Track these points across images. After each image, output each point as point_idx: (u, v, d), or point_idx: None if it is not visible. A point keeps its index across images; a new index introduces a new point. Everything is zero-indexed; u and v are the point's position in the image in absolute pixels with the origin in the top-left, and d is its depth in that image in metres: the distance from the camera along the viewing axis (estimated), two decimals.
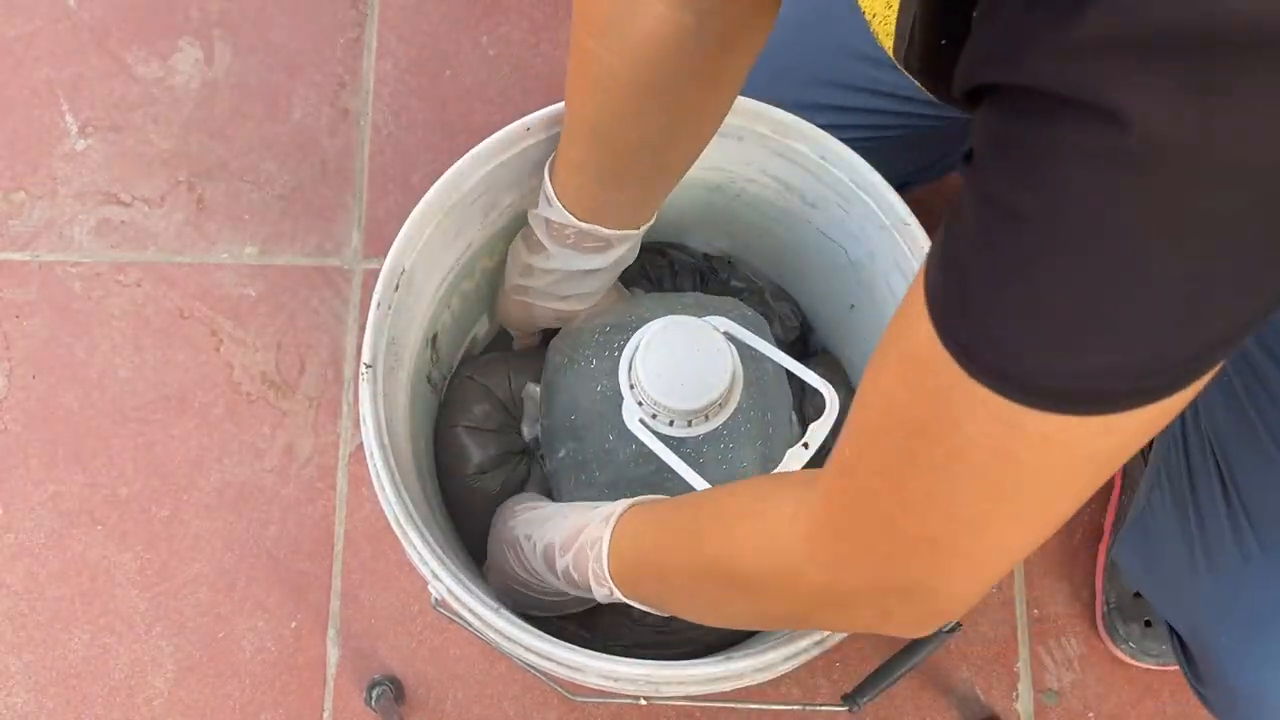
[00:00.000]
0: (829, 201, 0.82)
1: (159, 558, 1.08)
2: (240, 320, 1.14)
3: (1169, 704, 1.04)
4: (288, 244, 1.17)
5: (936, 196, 1.16)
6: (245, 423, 1.12)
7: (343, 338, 1.14)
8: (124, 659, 1.06)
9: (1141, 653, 1.02)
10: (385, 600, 1.07)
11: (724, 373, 0.69)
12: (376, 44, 1.23)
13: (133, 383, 1.13)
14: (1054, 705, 1.04)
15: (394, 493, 0.72)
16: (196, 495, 1.10)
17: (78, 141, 1.19)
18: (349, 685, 1.05)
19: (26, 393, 1.12)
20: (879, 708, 1.03)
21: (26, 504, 1.10)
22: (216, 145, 1.19)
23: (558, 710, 1.04)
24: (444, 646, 1.06)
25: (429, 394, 0.89)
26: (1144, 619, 1.02)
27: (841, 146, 0.78)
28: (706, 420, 0.71)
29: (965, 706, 1.04)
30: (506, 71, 1.22)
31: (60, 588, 1.07)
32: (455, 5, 1.24)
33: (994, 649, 1.06)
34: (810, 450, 0.71)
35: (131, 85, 1.21)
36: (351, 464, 1.11)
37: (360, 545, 1.08)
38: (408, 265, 0.77)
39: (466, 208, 0.80)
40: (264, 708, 1.05)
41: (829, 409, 0.71)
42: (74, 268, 1.16)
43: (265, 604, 1.07)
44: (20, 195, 1.18)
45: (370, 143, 1.20)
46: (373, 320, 0.75)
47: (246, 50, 1.22)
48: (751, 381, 0.76)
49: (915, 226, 0.77)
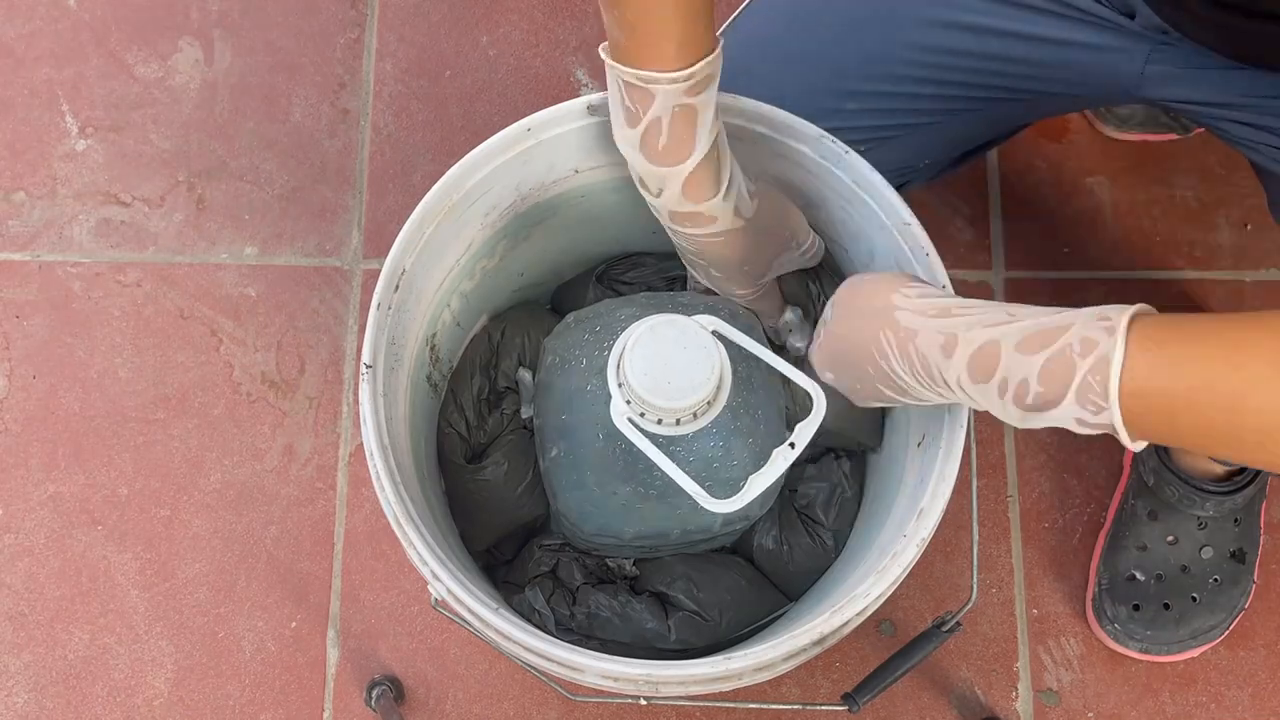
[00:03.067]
0: (829, 201, 0.82)
1: (159, 558, 1.08)
2: (240, 320, 1.14)
3: (1169, 704, 1.04)
4: (288, 244, 1.17)
5: (937, 196, 1.16)
6: (245, 423, 1.12)
7: (343, 338, 1.14)
8: (124, 659, 1.06)
9: (1126, 635, 1.02)
10: (385, 600, 1.07)
11: (711, 371, 0.69)
12: (376, 44, 1.23)
13: (133, 383, 1.13)
14: (1054, 705, 1.04)
15: (394, 493, 0.72)
16: (196, 495, 1.10)
17: (78, 141, 1.19)
18: (349, 685, 1.05)
19: (26, 393, 1.12)
20: (879, 708, 1.03)
21: (26, 504, 1.10)
22: (216, 145, 1.19)
23: (557, 710, 1.04)
24: (444, 646, 1.06)
25: (429, 394, 0.89)
26: (1133, 602, 1.02)
27: (842, 146, 0.78)
28: (695, 419, 0.71)
29: (965, 706, 1.04)
30: (506, 71, 1.22)
31: (60, 588, 1.08)
32: (455, 5, 1.24)
33: (994, 649, 1.06)
34: (797, 450, 0.70)
35: (131, 85, 1.21)
36: (351, 464, 1.11)
37: (360, 545, 1.08)
38: (408, 265, 0.77)
39: (466, 208, 0.80)
40: (264, 708, 1.05)
41: (815, 409, 0.70)
42: (74, 268, 1.16)
43: (265, 604, 1.07)
44: (20, 195, 1.18)
45: (370, 143, 1.20)
46: (373, 320, 0.75)
47: (246, 50, 1.22)
48: (741, 380, 0.76)
49: (916, 226, 0.77)
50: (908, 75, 0.88)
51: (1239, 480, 1.00)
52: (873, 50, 0.88)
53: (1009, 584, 1.07)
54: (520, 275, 0.94)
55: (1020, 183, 1.17)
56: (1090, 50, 0.83)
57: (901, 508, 0.77)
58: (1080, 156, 1.18)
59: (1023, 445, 1.10)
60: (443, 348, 0.89)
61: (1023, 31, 0.84)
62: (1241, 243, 1.15)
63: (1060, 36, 0.83)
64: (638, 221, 0.80)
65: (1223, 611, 1.02)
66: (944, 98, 0.89)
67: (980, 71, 0.87)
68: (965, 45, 0.85)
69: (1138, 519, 1.03)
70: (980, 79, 0.87)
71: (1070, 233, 1.16)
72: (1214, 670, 1.05)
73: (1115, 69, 0.83)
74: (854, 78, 0.88)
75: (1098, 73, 0.84)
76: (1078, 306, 0.60)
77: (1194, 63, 0.80)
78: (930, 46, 0.86)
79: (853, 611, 0.70)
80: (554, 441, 0.83)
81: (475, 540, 0.90)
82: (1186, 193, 1.17)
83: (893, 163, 0.79)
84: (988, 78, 0.87)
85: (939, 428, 0.74)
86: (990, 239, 1.16)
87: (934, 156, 0.96)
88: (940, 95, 0.88)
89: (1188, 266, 1.15)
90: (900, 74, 0.88)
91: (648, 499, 0.80)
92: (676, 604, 0.88)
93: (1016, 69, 0.86)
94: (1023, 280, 1.14)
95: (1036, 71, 0.85)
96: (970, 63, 0.86)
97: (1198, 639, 1.02)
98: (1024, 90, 0.87)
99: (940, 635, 0.82)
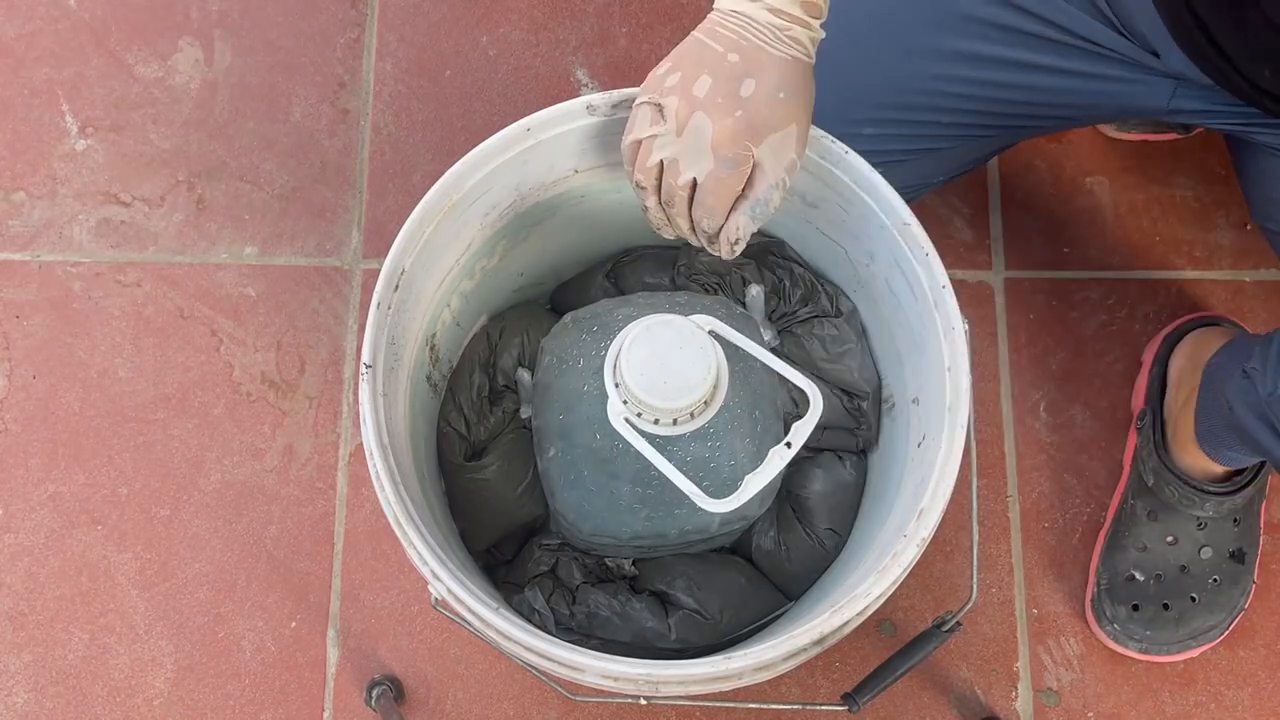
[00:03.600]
0: (829, 201, 0.82)
1: (159, 558, 1.08)
2: (240, 320, 1.14)
3: (1168, 703, 1.04)
4: (288, 244, 1.17)
5: (937, 197, 1.16)
6: (245, 423, 1.12)
7: (343, 338, 1.14)
8: (124, 659, 1.06)
9: (1125, 635, 1.02)
10: (385, 600, 1.07)
11: (708, 371, 0.69)
12: (376, 44, 1.23)
13: (133, 383, 1.13)
14: (1053, 705, 1.04)
15: (394, 493, 0.72)
16: (196, 495, 1.10)
17: (78, 141, 1.19)
18: (349, 685, 1.05)
19: (26, 393, 1.12)
20: (879, 708, 1.03)
21: (26, 504, 1.10)
22: (216, 145, 1.19)
23: (558, 710, 1.04)
24: (444, 646, 1.06)
25: (429, 394, 0.89)
26: (1132, 603, 1.02)
27: (842, 147, 0.78)
28: (692, 419, 0.71)
29: (965, 706, 1.04)
30: (506, 71, 1.22)
31: (60, 588, 1.08)
32: (455, 5, 1.24)
33: (994, 649, 1.06)
34: (794, 450, 0.70)
35: (131, 85, 1.21)
36: (351, 464, 1.11)
37: (360, 545, 1.08)
38: (408, 265, 0.77)
39: (466, 208, 0.80)
40: (264, 708, 1.05)
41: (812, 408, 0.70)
42: (74, 268, 1.16)
43: (265, 604, 1.07)
44: (20, 195, 1.18)
45: (370, 143, 1.20)
46: (373, 320, 0.75)
47: (246, 50, 1.22)
48: (739, 380, 0.76)
49: (915, 226, 0.77)
50: (926, 104, 0.88)
51: (1238, 480, 1.00)
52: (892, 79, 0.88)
53: (1009, 584, 1.07)
54: (520, 275, 0.94)
55: (1020, 183, 1.17)
56: (1114, 82, 0.83)
57: (901, 508, 0.77)
58: (1080, 156, 1.18)
59: (1023, 445, 1.10)
60: (442, 347, 0.89)
61: (1045, 64, 0.83)
62: (1241, 243, 1.15)
63: (1083, 70, 0.83)
64: (637, 221, 0.80)
65: (1222, 611, 1.02)
66: (961, 125, 0.89)
67: (1001, 101, 0.86)
68: (986, 76, 0.85)
69: (1137, 519, 1.03)
70: (1000, 108, 0.87)
71: (1070, 233, 1.16)
72: (1214, 670, 1.05)
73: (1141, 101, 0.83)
74: (871, 105, 0.88)
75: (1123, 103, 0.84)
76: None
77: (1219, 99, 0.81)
78: (950, 77, 0.86)
79: (853, 611, 0.70)
80: (552, 441, 0.83)
81: (475, 540, 0.90)
82: (1186, 193, 1.17)
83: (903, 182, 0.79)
84: (1008, 106, 0.87)
85: (939, 428, 0.74)
86: (990, 239, 1.16)
87: (945, 176, 0.96)
88: (957, 124, 0.88)
89: (1188, 266, 1.15)
90: (919, 103, 0.88)
91: (645, 499, 0.80)
92: (676, 602, 0.88)
93: (1039, 98, 0.86)
94: (1023, 280, 1.14)
95: (1061, 100, 0.85)
96: (990, 92, 0.86)
97: (1197, 639, 1.02)
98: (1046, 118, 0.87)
99: (940, 635, 0.82)
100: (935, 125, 0.89)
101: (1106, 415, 1.11)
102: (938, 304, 0.76)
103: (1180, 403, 1.02)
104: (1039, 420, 1.11)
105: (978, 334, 1.12)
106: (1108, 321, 1.13)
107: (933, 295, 0.76)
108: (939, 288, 0.76)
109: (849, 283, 0.89)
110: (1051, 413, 1.11)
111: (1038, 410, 1.11)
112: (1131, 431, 1.08)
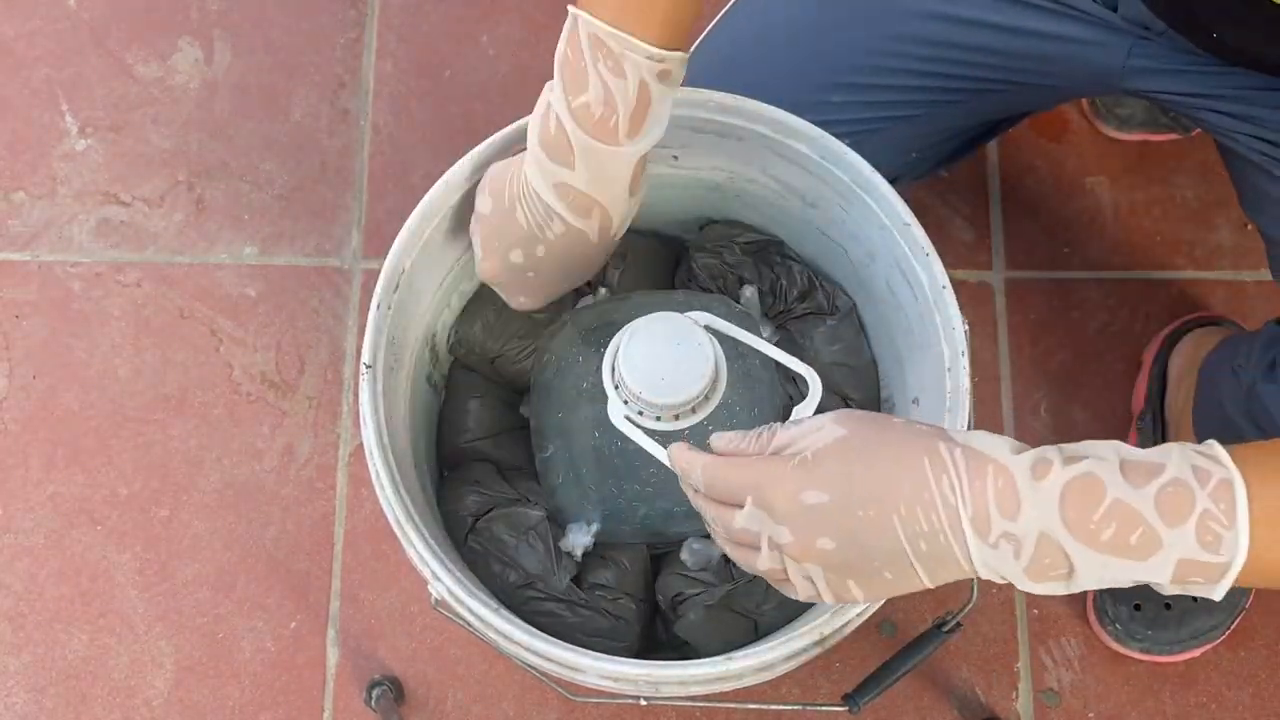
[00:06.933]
0: (829, 201, 0.82)
1: (159, 558, 1.08)
2: (240, 320, 1.14)
3: (1169, 703, 1.04)
4: (287, 244, 1.17)
5: (937, 197, 1.16)
6: (245, 423, 1.12)
7: (343, 338, 1.14)
8: (124, 659, 1.06)
9: (1127, 636, 1.02)
10: (385, 600, 1.07)
11: (706, 365, 0.69)
12: (376, 44, 1.23)
13: (133, 383, 1.13)
14: (1054, 705, 1.04)
15: (394, 493, 0.72)
16: (196, 495, 1.10)
17: (78, 141, 1.19)
18: (349, 685, 1.05)
19: (26, 393, 1.12)
20: (879, 708, 1.03)
21: (26, 504, 1.10)
22: (216, 145, 1.19)
23: (557, 710, 1.04)
24: (444, 646, 1.06)
25: (429, 394, 0.89)
26: (1134, 603, 1.02)
27: (842, 147, 0.78)
28: (693, 414, 0.71)
29: (965, 706, 1.04)
30: (506, 71, 1.22)
31: (60, 588, 1.07)
32: (455, 5, 1.24)
33: (994, 649, 1.06)
34: None
35: (131, 85, 1.21)
36: (351, 464, 1.11)
37: (360, 545, 1.08)
38: (408, 265, 0.77)
39: (466, 208, 0.80)
40: (264, 708, 1.05)
41: (811, 391, 0.71)
42: (74, 268, 1.16)
43: (265, 604, 1.07)
44: (20, 195, 1.18)
45: (370, 143, 1.20)
46: (372, 320, 0.75)
47: (246, 50, 1.22)
48: (738, 375, 0.76)
49: (915, 226, 0.77)
50: (892, 67, 0.88)
51: None
52: (857, 42, 0.88)
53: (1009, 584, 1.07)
54: None
55: (1020, 183, 1.17)
56: (1073, 44, 0.83)
57: None
58: (1080, 156, 1.18)
59: None
60: (443, 348, 0.89)
61: (1007, 24, 0.84)
62: (1241, 243, 1.15)
63: (1044, 29, 0.84)
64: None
65: (1223, 612, 1.02)
66: (927, 89, 0.89)
67: (964, 63, 0.87)
68: (950, 37, 0.86)
69: None
70: (964, 70, 0.87)
71: (1070, 233, 1.16)
72: (1215, 670, 1.05)
73: (1097, 63, 0.84)
74: (838, 70, 0.89)
75: (1080, 66, 0.85)
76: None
77: (1176, 60, 0.81)
78: (915, 38, 0.87)
79: (853, 611, 0.70)
80: (550, 440, 0.83)
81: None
82: (1186, 193, 1.17)
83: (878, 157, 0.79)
84: (971, 69, 0.87)
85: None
86: (990, 239, 1.16)
87: (920, 151, 0.96)
88: (924, 87, 0.89)
89: (1188, 266, 1.15)
90: (885, 65, 0.88)
91: (644, 497, 0.80)
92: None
93: (1000, 60, 0.87)
94: (1023, 280, 1.14)
95: (1019, 64, 0.86)
96: (954, 54, 0.87)
97: (1198, 639, 1.02)
98: (1007, 82, 0.88)
99: (940, 636, 0.82)
100: (901, 90, 0.89)
101: (1107, 415, 1.11)
102: (938, 304, 0.76)
103: (1180, 403, 1.02)
104: (1039, 420, 1.11)
105: (978, 334, 1.12)
106: (1108, 321, 1.13)
107: (933, 295, 0.76)
108: (939, 288, 0.76)
109: (849, 283, 0.89)
110: (1051, 413, 1.11)
111: (1038, 410, 1.11)
112: (1132, 432, 1.08)
